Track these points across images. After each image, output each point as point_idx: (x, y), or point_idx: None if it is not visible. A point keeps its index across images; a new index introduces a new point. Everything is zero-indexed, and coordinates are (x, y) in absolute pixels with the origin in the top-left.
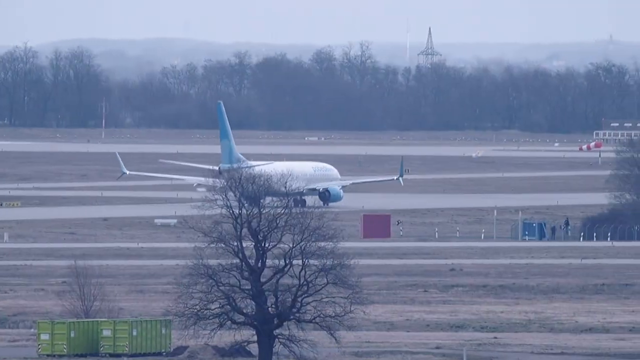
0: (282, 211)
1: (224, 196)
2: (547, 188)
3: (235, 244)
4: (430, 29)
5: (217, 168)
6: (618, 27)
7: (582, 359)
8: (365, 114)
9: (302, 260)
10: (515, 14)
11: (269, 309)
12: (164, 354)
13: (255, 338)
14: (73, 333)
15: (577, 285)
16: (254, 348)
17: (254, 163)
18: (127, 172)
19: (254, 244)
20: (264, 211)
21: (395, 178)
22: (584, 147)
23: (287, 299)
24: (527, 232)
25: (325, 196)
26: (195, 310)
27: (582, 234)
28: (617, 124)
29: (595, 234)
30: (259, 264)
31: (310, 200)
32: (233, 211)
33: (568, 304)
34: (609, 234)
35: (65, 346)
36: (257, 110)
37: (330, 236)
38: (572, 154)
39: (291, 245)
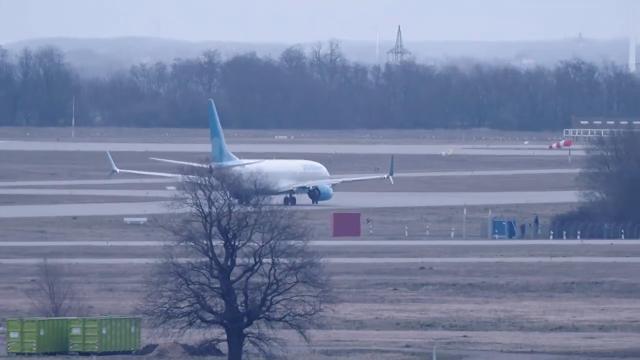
0: (252, 210)
1: (193, 195)
2: (516, 186)
3: (205, 242)
4: (399, 27)
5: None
6: (587, 25)
7: (551, 358)
8: (334, 113)
9: (272, 259)
10: (485, 13)
11: (239, 307)
12: (134, 352)
13: (224, 336)
14: (42, 331)
15: (547, 283)
16: (223, 346)
17: (244, 161)
18: (118, 170)
19: (223, 242)
20: (234, 210)
21: (385, 176)
22: (554, 145)
23: (257, 297)
24: (496, 231)
25: (315, 194)
26: (165, 309)
27: (551, 232)
28: (587, 122)
29: (565, 232)
30: (229, 263)
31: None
32: (203, 210)
33: (538, 302)
34: (579, 232)
35: (34, 344)
36: (227, 109)
37: (300, 235)
38: (541, 152)
39: (261, 244)
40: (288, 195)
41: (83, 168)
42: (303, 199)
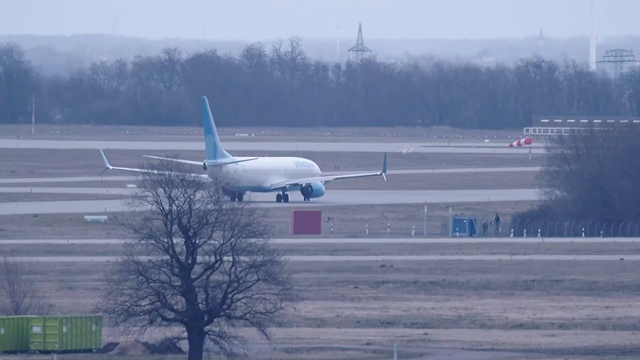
0: (213, 207)
1: (154, 192)
2: (477, 184)
3: (166, 240)
4: (360, 25)
5: (202, 164)
6: (548, 23)
7: (512, 355)
8: (295, 111)
9: (233, 257)
10: (445, 10)
11: (200, 305)
12: (94, 350)
13: (185, 334)
14: (3, 330)
15: (508, 281)
16: (184, 344)
17: (238, 159)
18: (111, 167)
19: (184, 240)
20: (195, 207)
21: (378, 173)
22: (514, 143)
23: (218, 295)
24: (457, 229)
25: (308, 191)
26: (126, 307)
27: (512, 230)
28: (547, 120)
29: (525, 230)
30: (190, 261)
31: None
32: (163, 207)
33: (498, 300)
34: (539, 230)
35: None
36: (188, 106)
37: (261, 232)
38: (502, 150)
39: (221, 242)
40: (281, 192)
41: (43, 166)
42: (295, 195)
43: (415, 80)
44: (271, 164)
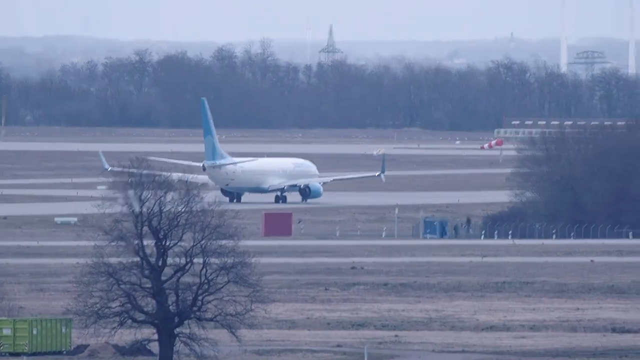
0: (183, 209)
1: (124, 194)
2: (448, 186)
3: (136, 242)
4: (331, 26)
5: (201, 165)
6: (519, 25)
7: (483, 357)
8: (266, 112)
9: (203, 259)
10: (416, 12)
11: (170, 307)
12: (64, 352)
13: (155, 337)
14: None
15: (478, 283)
16: (154, 347)
17: (237, 160)
18: (110, 168)
19: (154, 242)
20: (165, 209)
21: (377, 174)
22: (485, 145)
23: (188, 297)
24: (428, 230)
25: (306, 192)
26: (96, 309)
27: (483, 232)
28: (518, 122)
29: (496, 232)
30: (160, 263)
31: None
32: (134, 209)
33: (469, 302)
34: (510, 232)
35: None
36: (158, 108)
37: (231, 234)
38: (473, 152)
39: (192, 244)
40: (279, 193)
41: (13, 167)
42: (293, 196)
43: (386, 81)
44: (270, 165)
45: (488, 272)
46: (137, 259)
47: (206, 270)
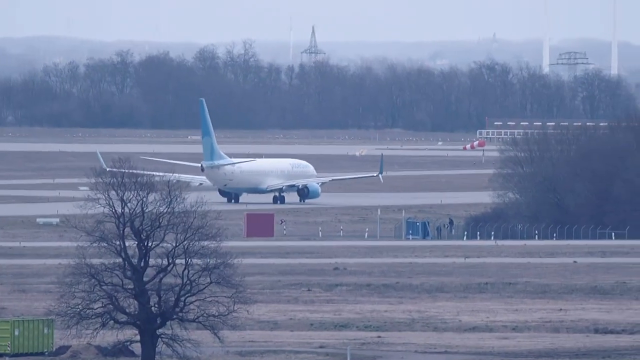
0: (165, 210)
1: (106, 195)
2: (430, 187)
3: (118, 243)
4: (313, 27)
5: (199, 165)
6: (501, 26)
7: (465, 358)
8: (248, 113)
9: (185, 260)
10: (398, 13)
11: (152, 308)
12: (47, 353)
13: (138, 338)
14: None
15: (461, 284)
16: (137, 348)
17: (235, 160)
18: (107, 169)
19: (137, 243)
20: (147, 210)
21: (375, 174)
22: (468, 146)
23: (170, 298)
24: (410, 231)
25: (304, 193)
26: (78, 310)
27: (465, 232)
28: (501, 123)
29: (478, 233)
30: (142, 263)
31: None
32: (115, 210)
33: (452, 303)
34: (493, 233)
35: None
36: (140, 109)
37: (213, 235)
38: (455, 153)
39: (174, 245)
40: (277, 194)
41: None
42: (291, 197)
43: (369, 82)
44: (268, 165)
45: (471, 273)
46: (119, 259)
47: (188, 271)
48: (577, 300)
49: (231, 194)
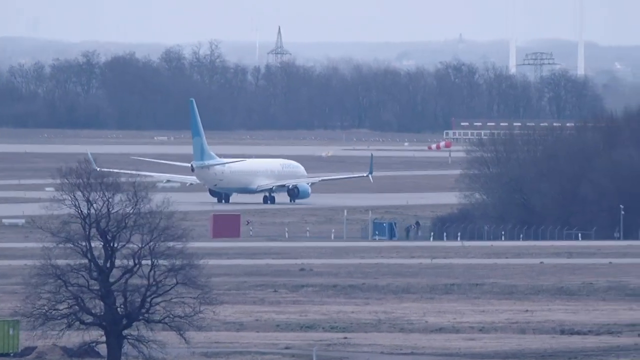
0: (131, 211)
1: (72, 196)
2: (397, 188)
3: (84, 244)
4: (279, 27)
5: (189, 165)
6: (468, 27)
7: (432, 359)
8: (214, 114)
9: (152, 261)
10: (365, 13)
11: (118, 309)
12: (12, 354)
13: (104, 339)
14: None
15: (427, 285)
16: (102, 349)
17: (225, 160)
18: (98, 169)
19: (102, 244)
20: (113, 211)
21: (365, 175)
22: (434, 146)
23: (136, 299)
24: (377, 232)
25: (294, 193)
26: (44, 311)
27: (432, 233)
28: (467, 124)
29: (445, 234)
30: (108, 264)
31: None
32: (81, 211)
33: (418, 303)
34: (459, 234)
35: None
36: (106, 109)
37: (180, 236)
38: (421, 154)
39: (140, 245)
40: (267, 194)
41: None
42: (281, 197)
43: (335, 83)
44: (258, 165)
45: (437, 274)
46: (85, 260)
47: (154, 272)
48: (543, 301)
49: (221, 194)
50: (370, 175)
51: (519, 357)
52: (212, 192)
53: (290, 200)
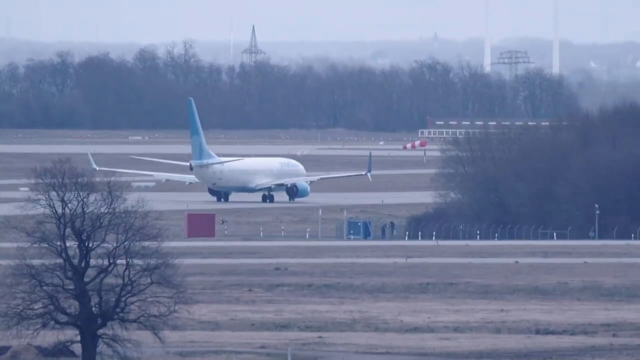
0: (106, 210)
1: (47, 196)
2: (372, 187)
3: (59, 243)
4: (254, 27)
5: (188, 164)
6: (443, 25)
7: (407, 359)
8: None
9: (126, 260)
10: (340, 12)
11: (93, 308)
12: None
13: (78, 338)
14: None
15: (402, 284)
16: (77, 348)
17: (224, 159)
18: (97, 168)
19: (77, 243)
20: (88, 210)
21: (363, 173)
22: (409, 145)
23: (111, 298)
24: (352, 232)
25: (293, 191)
26: (18, 310)
27: (407, 232)
28: (442, 123)
29: (420, 233)
30: (83, 264)
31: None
32: (56, 211)
33: (393, 303)
34: (434, 233)
35: None
36: (81, 109)
37: (155, 235)
38: (396, 153)
39: (115, 245)
40: (266, 193)
41: None
42: (280, 196)
43: (310, 82)
44: (257, 164)
45: (412, 273)
46: (60, 260)
47: (129, 272)
48: (518, 300)
49: (220, 193)
50: (369, 174)
51: (494, 356)
52: (211, 191)
53: (290, 199)
